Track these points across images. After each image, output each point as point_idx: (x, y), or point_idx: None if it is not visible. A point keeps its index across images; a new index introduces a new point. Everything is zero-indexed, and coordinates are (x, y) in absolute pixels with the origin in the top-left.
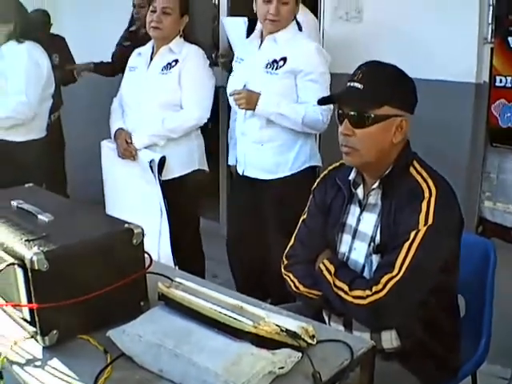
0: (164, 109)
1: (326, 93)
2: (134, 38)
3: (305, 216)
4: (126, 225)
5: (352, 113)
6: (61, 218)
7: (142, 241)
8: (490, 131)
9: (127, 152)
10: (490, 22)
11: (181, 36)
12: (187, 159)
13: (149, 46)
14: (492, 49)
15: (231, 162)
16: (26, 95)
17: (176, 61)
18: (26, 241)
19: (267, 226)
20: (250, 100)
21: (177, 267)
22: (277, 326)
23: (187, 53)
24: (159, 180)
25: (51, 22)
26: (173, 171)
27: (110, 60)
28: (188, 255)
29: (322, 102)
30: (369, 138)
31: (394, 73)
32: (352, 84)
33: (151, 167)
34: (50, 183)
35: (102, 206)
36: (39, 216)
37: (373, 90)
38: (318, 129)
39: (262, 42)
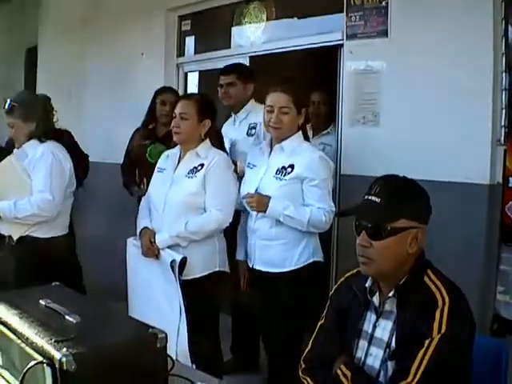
0: (188, 211)
1: (328, 196)
2: (153, 136)
3: (322, 321)
4: (151, 329)
5: (369, 225)
6: (87, 320)
7: (165, 345)
8: (505, 231)
9: (150, 251)
10: (503, 124)
11: (204, 140)
12: (208, 260)
13: (177, 148)
14: (505, 150)
15: (239, 256)
16: (50, 193)
17: (202, 165)
18: (55, 341)
19: (276, 314)
20: (261, 203)
21: (194, 366)
22: None
23: (213, 158)
24: (179, 280)
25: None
26: (194, 271)
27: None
28: (206, 354)
29: (342, 214)
30: (385, 249)
31: (410, 186)
32: (369, 197)
33: (172, 267)
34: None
35: (119, 301)
36: (67, 317)
37: (389, 203)
38: (321, 228)
39: (271, 149)
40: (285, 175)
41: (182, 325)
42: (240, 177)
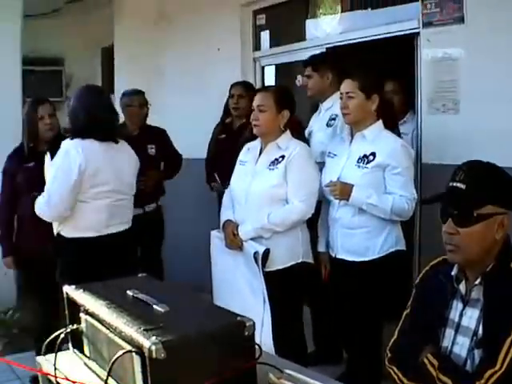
0: (270, 203)
1: (411, 184)
2: (228, 130)
3: (408, 310)
4: (239, 317)
5: (455, 212)
6: (175, 309)
7: (253, 333)
8: None
9: (233, 243)
10: None
11: (284, 131)
12: (291, 252)
13: (258, 141)
14: None
15: (321, 248)
16: (47, 194)
17: (283, 156)
18: (144, 330)
19: (359, 304)
20: (344, 191)
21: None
22: None
23: (294, 149)
24: (263, 271)
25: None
26: (277, 263)
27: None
28: (290, 345)
29: (426, 202)
30: (472, 236)
31: (495, 172)
32: (454, 184)
33: (255, 258)
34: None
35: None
36: (154, 306)
37: (475, 190)
38: (404, 216)
39: (352, 138)
40: (367, 163)
41: (265, 316)
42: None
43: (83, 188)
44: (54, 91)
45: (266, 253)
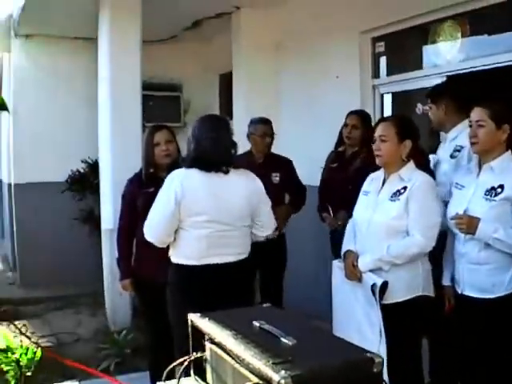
0: (390, 235)
1: None
2: (340, 159)
3: None
4: (368, 353)
5: None
6: (302, 341)
7: (382, 369)
8: None
9: (353, 274)
10: None
11: (407, 161)
12: (411, 285)
13: (381, 171)
14: None
15: (446, 281)
16: (148, 219)
17: (405, 188)
18: (272, 363)
19: (483, 341)
20: (471, 225)
21: None
22: None
23: (416, 180)
24: (380, 303)
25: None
26: (396, 295)
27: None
28: (405, 378)
29: None
30: None
31: None
32: None
33: (373, 291)
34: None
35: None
36: (282, 339)
37: None
38: None
39: (479, 170)
40: (494, 196)
41: (381, 348)
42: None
43: (182, 216)
44: (173, 117)
45: (384, 285)
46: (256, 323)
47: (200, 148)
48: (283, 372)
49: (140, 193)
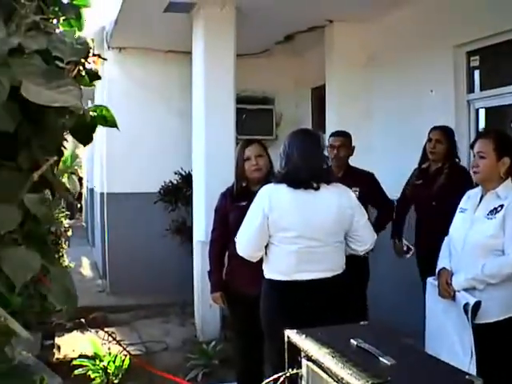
0: (486, 253)
1: None
2: (424, 175)
3: None
4: (467, 376)
5: None
6: (401, 362)
7: None
8: None
9: (446, 292)
10: None
11: (505, 179)
12: (506, 304)
13: (479, 189)
14: None
15: None
16: (239, 233)
17: (502, 206)
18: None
19: None
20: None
21: None
22: None
23: None
24: (473, 323)
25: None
26: (489, 316)
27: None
28: None
29: None
30: None
31: None
32: None
33: (466, 310)
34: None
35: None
36: (380, 358)
37: None
38: None
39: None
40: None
41: (471, 368)
42: None
43: (271, 231)
44: (265, 130)
45: (477, 305)
46: (353, 341)
47: (290, 164)
48: None
49: (232, 206)
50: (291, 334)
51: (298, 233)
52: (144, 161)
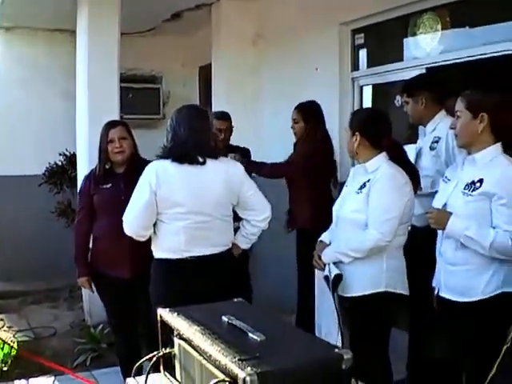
0: (353, 228)
1: None
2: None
3: (508, 345)
4: (336, 349)
5: None
6: (271, 338)
7: (351, 366)
8: None
9: (317, 264)
10: None
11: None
12: (372, 280)
13: (358, 165)
14: None
15: (434, 282)
16: (126, 211)
17: (369, 180)
18: (239, 360)
19: (460, 346)
20: (440, 220)
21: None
22: None
23: (378, 173)
24: (338, 295)
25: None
26: (355, 289)
27: None
28: (371, 368)
29: None
30: None
31: None
32: None
33: (327, 281)
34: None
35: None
36: (250, 334)
37: None
38: (507, 255)
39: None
40: (473, 191)
41: (339, 340)
42: None
43: (159, 208)
44: (152, 109)
45: (338, 278)
46: (225, 318)
47: (176, 138)
48: (249, 369)
49: (96, 189)
50: (164, 313)
51: (187, 208)
52: (29, 142)
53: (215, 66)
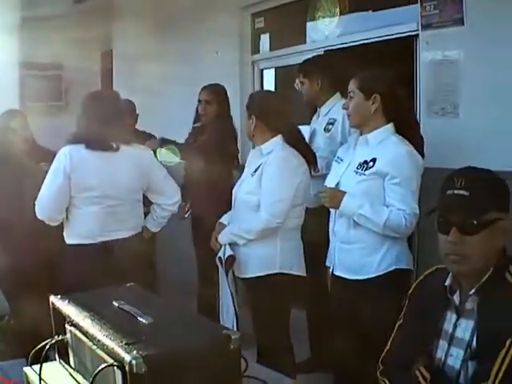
0: (248, 210)
1: (412, 197)
2: (197, 135)
3: (401, 321)
4: (224, 330)
5: (461, 221)
6: (160, 321)
7: (239, 346)
8: None
9: (213, 245)
10: None
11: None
12: (266, 261)
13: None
14: None
15: (327, 262)
16: (39, 195)
17: (263, 163)
18: (126, 344)
19: (356, 325)
20: (335, 198)
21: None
22: None
23: (271, 155)
24: (228, 276)
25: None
26: (250, 270)
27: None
28: (273, 350)
29: (428, 213)
30: (479, 244)
31: (493, 177)
32: (456, 192)
33: (221, 262)
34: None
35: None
36: (139, 318)
37: (479, 196)
38: (400, 233)
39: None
40: (365, 170)
41: (234, 321)
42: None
43: (72, 192)
44: (54, 96)
45: (231, 259)
46: (115, 303)
47: (88, 125)
48: (135, 352)
49: None
50: (55, 300)
51: (99, 192)
52: None
53: (116, 52)
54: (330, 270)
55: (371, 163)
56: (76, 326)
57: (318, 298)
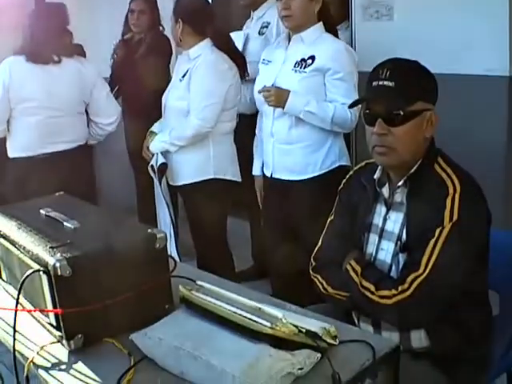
0: (178, 116)
1: (354, 91)
2: (127, 47)
3: (332, 217)
4: (149, 230)
5: (386, 112)
6: (87, 225)
7: (165, 245)
8: None
9: (145, 155)
10: None
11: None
12: (199, 168)
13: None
14: None
15: (255, 171)
16: None
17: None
18: (50, 248)
19: (299, 226)
20: (280, 97)
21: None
22: (295, 326)
23: (199, 59)
24: (161, 183)
25: None
26: (184, 177)
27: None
28: (212, 259)
29: (352, 105)
30: (406, 135)
31: (419, 67)
32: (381, 83)
33: (153, 171)
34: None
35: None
36: (65, 223)
37: (404, 86)
38: (346, 127)
39: (289, 43)
40: (305, 67)
41: (172, 230)
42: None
43: (12, 103)
44: None
45: (162, 166)
46: (42, 211)
47: (30, 37)
48: (59, 255)
49: None
50: None
51: (37, 103)
52: None
53: None
54: (269, 174)
55: (309, 60)
56: (4, 236)
57: (256, 204)
